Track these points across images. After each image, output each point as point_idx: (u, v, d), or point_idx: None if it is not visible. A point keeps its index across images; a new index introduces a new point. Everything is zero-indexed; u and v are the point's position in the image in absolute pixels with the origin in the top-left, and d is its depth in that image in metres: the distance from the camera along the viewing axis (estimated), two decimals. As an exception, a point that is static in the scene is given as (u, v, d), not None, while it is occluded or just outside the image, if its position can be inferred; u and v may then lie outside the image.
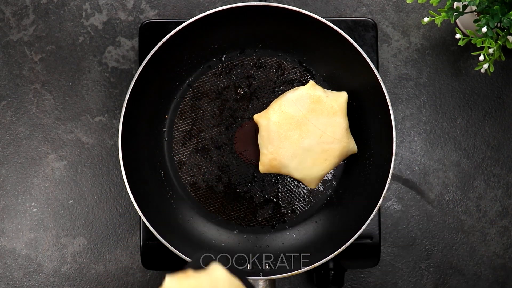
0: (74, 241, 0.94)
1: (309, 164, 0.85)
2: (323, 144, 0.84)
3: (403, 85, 0.96)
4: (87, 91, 0.95)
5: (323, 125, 0.84)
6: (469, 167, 0.96)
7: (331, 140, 0.84)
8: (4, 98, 0.95)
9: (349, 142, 0.86)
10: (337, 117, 0.84)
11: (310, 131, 0.84)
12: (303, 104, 0.84)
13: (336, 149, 0.85)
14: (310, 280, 0.94)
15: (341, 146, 0.85)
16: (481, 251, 0.95)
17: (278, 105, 0.85)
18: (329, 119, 0.84)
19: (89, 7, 0.96)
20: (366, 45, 0.89)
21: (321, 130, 0.84)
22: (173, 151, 0.91)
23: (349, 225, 0.85)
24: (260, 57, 0.91)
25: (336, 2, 0.96)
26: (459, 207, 0.95)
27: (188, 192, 0.91)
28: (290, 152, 0.84)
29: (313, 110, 0.84)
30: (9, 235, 0.94)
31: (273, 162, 0.85)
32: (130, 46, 0.95)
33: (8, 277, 0.94)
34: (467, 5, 0.83)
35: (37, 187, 0.95)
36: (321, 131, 0.84)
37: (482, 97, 0.96)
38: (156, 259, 0.89)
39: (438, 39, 0.96)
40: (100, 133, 0.95)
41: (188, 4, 0.96)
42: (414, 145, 0.96)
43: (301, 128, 0.84)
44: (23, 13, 0.96)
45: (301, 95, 0.84)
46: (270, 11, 0.84)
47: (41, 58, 0.95)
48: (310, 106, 0.84)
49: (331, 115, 0.84)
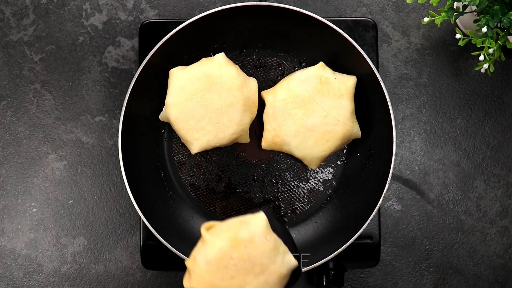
0: (74, 241, 0.94)
1: (311, 143, 0.85)
2: (327, 125, 0.84)
3: (403, 85, 0.96)
4: (87, 91, 0.95)
5: (329, 106, 0.84)
6: (469, 167, 0.96)
7: (335, 122, 0.84)
8: (4, 98, 0.95)
9: (353, 126, 0.86)
10: (343, 100, 0.84)
11: (315, 111, 0.84)
12: (310, 83, 0.84)
13: (339, 131, 0.85)
14: (310, 280, 0.94)
15: (344, 129, 0.85)
16: (481, 251, 0.95)
17: (286, 83, 0.85)
18: (335, 101, 0.84)
19: (89, 7, 0.96)
20: (366, 45, 0.89)
21: (326, 111, 0.84)
22: (173, 151, 0.91)
23: (349, 225, 0.85)
24: (260, 57, 0.91)
25: (336, 2, 0.96)
26: (459, 207, 0.95)
27: (188, 192, 0.91)
28: (293, 130, 0.85)
29: (320, 90, 0.84)
30: (9, 235, 0.94)
31: (275, 139, 0.86)
32: (130, 46, 0.95)
33: (8, 277, 0.94)
34: (467, 5, 0.83)
35: (37, 187, 0.95)
36: (326, 112, 0.84)
37: (482, 97, 0.96)
38: (156, 259, 0.89)
39: (438, 39, 0.96)
40: (100, 133, 0.95)
41: (188, 4, 0.96)
42: (414, 145, 0.96)
43: (306, 107, 0.84)
44: (23, 13, 0.96)
45: (309, 75, 0.85)
46: (270, 11, 0.84)
47: (41, 58, 0.95)
48: (318, 86, 0.84)
49: (338, 97, 0.84)
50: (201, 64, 0.84)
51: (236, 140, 0.87)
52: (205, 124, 0.84)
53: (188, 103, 0.83)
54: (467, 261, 0.95)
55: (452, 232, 0.95)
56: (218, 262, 0.66)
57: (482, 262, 0.95)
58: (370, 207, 0.83)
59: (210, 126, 0.84)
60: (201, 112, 0.83)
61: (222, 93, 0.83)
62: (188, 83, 0.83)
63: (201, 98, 0.83)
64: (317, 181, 0.91)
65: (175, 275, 0.94)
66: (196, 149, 0.85)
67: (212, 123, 0.84)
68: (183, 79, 0.84)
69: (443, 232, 0.95)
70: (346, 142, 0.87)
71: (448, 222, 0.95)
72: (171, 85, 0.84)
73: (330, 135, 0.85)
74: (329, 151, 0.86)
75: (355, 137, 0.87)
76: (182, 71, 0.84)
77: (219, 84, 0.83)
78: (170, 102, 0.84)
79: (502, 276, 0.95)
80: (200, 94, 0.83)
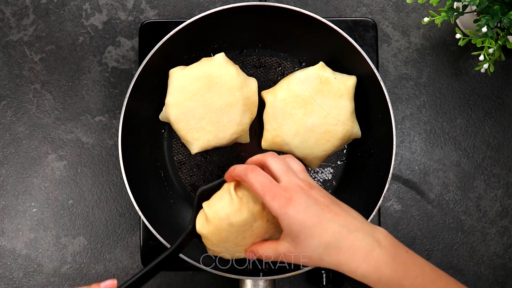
0: (74, 241, 0.94)
1: (311, 143, 0.85)
2: (327, 125, 0.84)
3: (403, 85, 0.96)
4: (87, 91, 0.95)
5: (329, 106, 0.84)
6: (469, 167, 0.96)
7: (335, 122, 0.84)
8: (4, 98, 0.95)
9: (353, 126, 0.86)
10: (343, 100, 0.84)
11: (315, 111, 0.84)
12: (310, 83, 0.84)
13: (339, 131, 0.85)
14: (310, 280, 0.94)
15: (344, 129, 0.85)
16: (481, 251, 0.95)
17: (286, 83, 0.85)
18: (335, 101, 0.84)
19: (89, 7, 0.96)
20: (366, 45, 0.89)
21: (326, 111, 0.84)
22: (173, 151, 0.91)
23: (349, 225, 0.85)
24: (260, 57, 0.91)
25: (336, 2, 0.96)
26: (459, 207, 0.95)
27: (188, 192, 0.91)
28: (293, 130, 0.85)
29: (320, 90, 0.84)
30: (9, 235, 0.94)
31: (275, 139, 0.86)
32: (130, 46, 0.95)
33: (8, 277, 0.94)
34: (467, 5, 0.83)
35: (37, 187, 0.95)
36: (326, 112, 0.84)
37: (482, 97, 0.96)
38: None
39: (438, 39, 0.96)
40: (100, 133, 0.95)
41: (188, 4, 0.96)
42: (414, 145, 0.96)
43: (306, 107, 0.84)
44: (23, 13, 0.96)
45: (309, 75, 0.85)
46: (270, 11, 0.84)
47: (41, 58, 0.95)
48: (318, 86, 0.84)
49: (338, 97, 0.84)
50: (201, 64, 0.84)
51: (236, 140, 0.87)
52: (205, 124, 0.84)
53: (188, 103, 0.83)
54: (467, 261, 0.95)
55: (452, 232, 0.95)
56: (240, 227, 0.70)
57: (482, 262, 0.95)
58: (370, 207, 0.83)
59: (210, 126, 0.84)
60: (201, 112, 0.84)
61: (222, 93, 0.83)
62: (188, 83, 0.83)
63: (201, 98, 0.83)
64: (317, 181, 0.91)
65: (175, 275, 0.94)
66: (196, 149, 0.85)
67: (212, 123, 0.84)
68: (183, 79, 0.84)
69: (443, 232, 0.95)
70: (346, 142, 0.87)
71: (448, 222, 0.95)
72: (171, 85, 0.84)
73: (330, 135, 0.85)
74: (329, 151, 0.86)
75: (355, 137, 0.87)
76: (182, 71, 0.84)
77: (219, 84, 0.83)
78: (170, 102, 0.84)
79: (502, 276, 0.95)
80: (200, 94, 0.83)
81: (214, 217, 0.70)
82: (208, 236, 0.71)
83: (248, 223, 0.70)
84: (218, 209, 0.70)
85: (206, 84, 0.83)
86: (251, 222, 0.70)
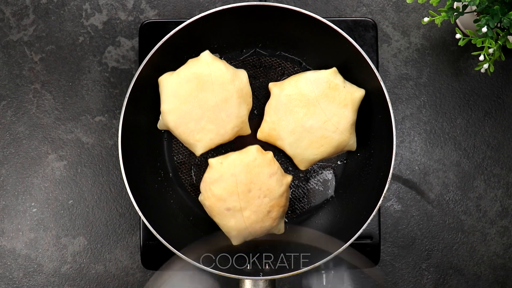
0: (74, 241, 0.94)
1: (304, 144, 0.85)
2: (325, 130, 0.84)
3: (403, 85, 0.96)
4: (87, 91, 0.95)
5: (331, 112, 0.84)
6: (469, 167, 0.96)
7: (333, 129, 0.84)
8: (4, 98, 0.95)
9: (350, 138, 0.86)
10: (346, 110, 0.84)
11: (316, 114, 0.84)
12: (319, 86, 0.84)
13: (335, 139, 0.85)
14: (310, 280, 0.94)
15: (341, 138, 0.85)
16: (481, 251, 0.95)
17: (295, 80, 0.85)
18: (338, 109, 0.84)
19: (89, 7, 0.96)
20: (366, 45, 0.89)
21: (327, 116, 0.84)
22: (173, 151, 0.91)
23: (349, 225, 0.85)
24: (260, 57, 0.91)
25: (336, 2, 0.96)
26: (459, 207, 0.95)
27: (188, 192, 0.91)
28: (291, 127, 0.85)
29: (326, 95, 0.84)
30: (9, 235, 0.94)
31: (272, 132, 0.86)
32: (130, 46, 0.95)
33: (8, 277, 0.94)
34: (467, 5, 0.83)
35: (37, 187, 0.95)
36: (327, 117, 0.84)
37: (482, 97, 0.96)
38: (156, 259, 0.89)
39: (438, 39, 0.96)
40: (100, 133, 0.95)
41: (188, 4, 0.96)
42: (414, 145, 0.96)
43: (309, 108, 0.84)
44: (23, 13, 0.96)
45: (319, 77, 0.85)
46: (270, 11, 0.84)
47: (41, 58, 0.95)
48: (325, 90, 0.84)
49: (342, 105, 0.84)
50: (188, 66, 0.84)
51: (238, 133, 0.87)
52: (204, 124, 0.84)
53: (184, 106, 0.83)
54: (467, 261, 0.95)
55: (452, 232, 0.95)
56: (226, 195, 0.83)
57: (482, 262, 0.95)
58: (370, 207, 0.83)
59: (210, 124, 0.84)
60: (198, 112, 0.83)
61: (215, 89, 0.83)
62: (180, 86, 0.83)
63: (195, 99, 0.83)
64: (317, 181, 0.91)
65: (175, 275, 0.94)
66: (200, 150, 0.85)
67: (211, 121, 0.84)
68: (173, 84, 0.84)
69: (443, 232, 0.95)
70: (340, 151, 0.88)
71: (448, 222, 0.95)
72: (163, 92, 0.84)
73: (325, 141, 0.85)
74: (321, 156, 0.86)
75: (349, 149, 0.87)
76: (171, 76, 0.84)
77: (210, 81, 0.83)
78: (166, 109, 0.84)
79: (502, 276, 0.95)
80: (193, 95, 0.83)
81: (204, 190, 0.86)
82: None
83: (234, 192, 0.83)
84: (208, 183, 0.84)
85: (198, 84, 0.83)
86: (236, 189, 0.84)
